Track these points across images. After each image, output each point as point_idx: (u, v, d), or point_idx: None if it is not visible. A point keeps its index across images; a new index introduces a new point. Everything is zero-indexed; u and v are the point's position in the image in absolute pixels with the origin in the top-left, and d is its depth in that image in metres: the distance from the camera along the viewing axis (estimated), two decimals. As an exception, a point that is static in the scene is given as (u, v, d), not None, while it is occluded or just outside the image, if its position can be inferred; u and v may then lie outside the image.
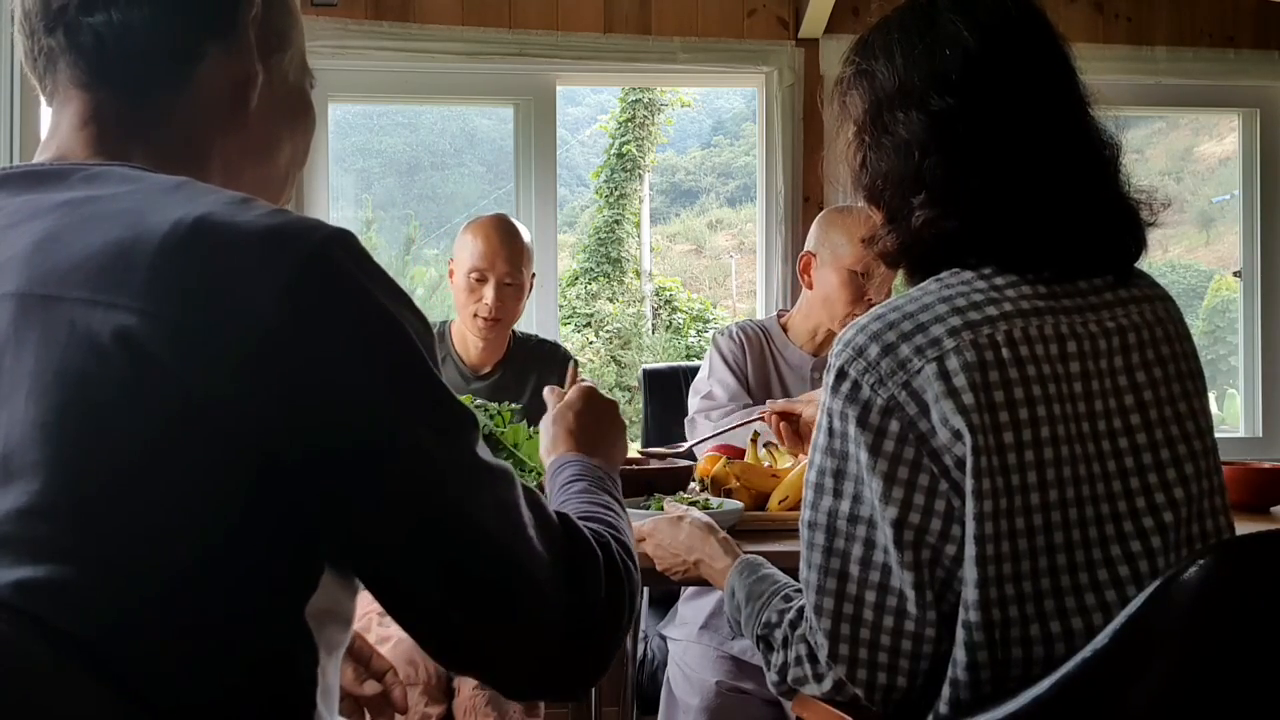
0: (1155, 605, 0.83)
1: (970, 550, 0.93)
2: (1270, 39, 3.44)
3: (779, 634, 1.09)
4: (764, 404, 2.26)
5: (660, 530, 1.41)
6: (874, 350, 0.97)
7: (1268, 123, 3.56)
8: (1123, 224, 1.04)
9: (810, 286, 2.35)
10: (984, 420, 0.92)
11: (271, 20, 0.88)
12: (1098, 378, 0.97)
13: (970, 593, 0.93)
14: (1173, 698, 0.84)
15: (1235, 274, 3.65)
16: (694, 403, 2.33)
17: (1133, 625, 0.83)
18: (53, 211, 0.73)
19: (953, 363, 0.94)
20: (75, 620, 0.65)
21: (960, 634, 0.94)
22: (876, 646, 0.98)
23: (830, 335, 2.35)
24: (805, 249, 2.38)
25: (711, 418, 2.24)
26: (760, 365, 2.37)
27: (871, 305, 2.24)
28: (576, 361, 2.04)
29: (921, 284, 1.03)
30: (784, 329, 2.42)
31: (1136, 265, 1.07)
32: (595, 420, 1.18)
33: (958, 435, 0.93)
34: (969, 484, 0.92)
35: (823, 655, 1.01)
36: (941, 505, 0.94)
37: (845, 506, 0.99)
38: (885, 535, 0.96)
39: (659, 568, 1.42)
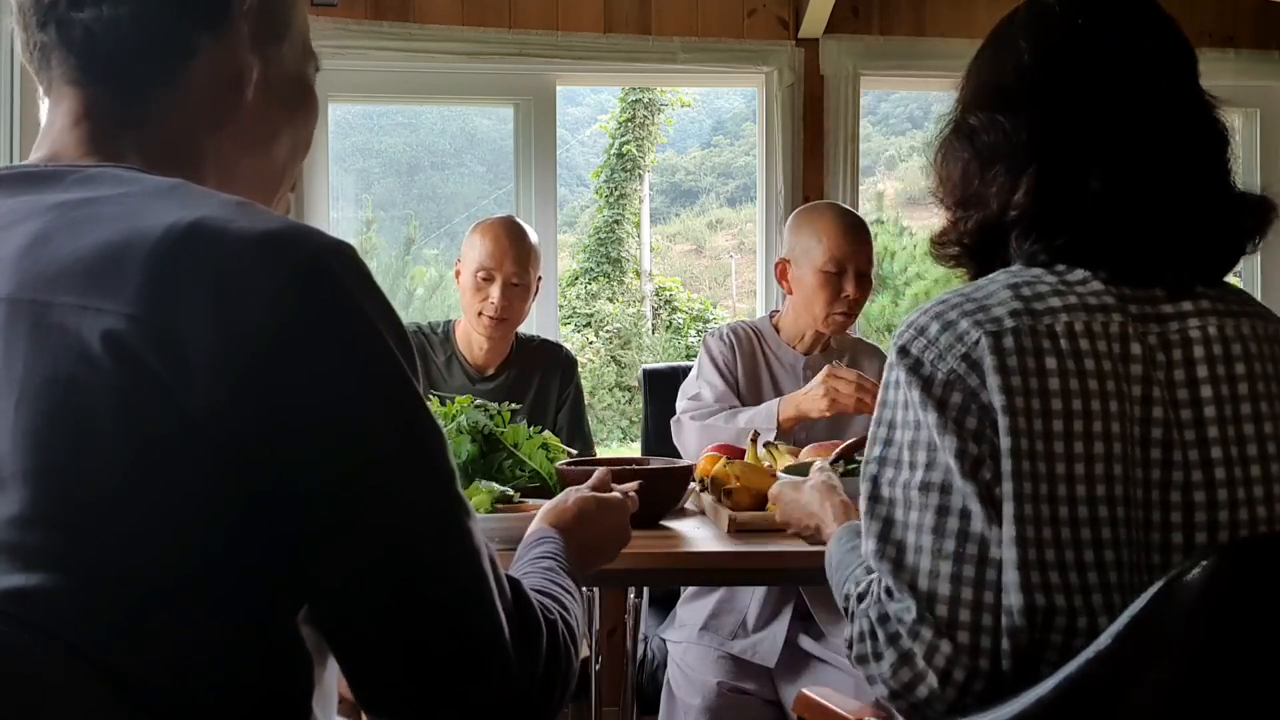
0: (1158, 606, 0.83)
1: (1009, 531, 0.91)
2: (1270, 39, 3.44)
3: (851, 605, 1.06)
4: (767, 403, 2.27)
5: (785, 494, 1.50)
6: (934, 328, 0.98)
7: (1268, 123, 3.56)
8: (1219, 233, 1.02)
9: (790, 292, 2.35)
10: (1029, 404, 0.92)
11: (268, 8, 0.86)
12: (1158, 385, 0.95)
13: (1009, 574, 0.91)
14: (1175, 698, 0.84)
15: (1235, 273, 3.65)
16: (681, 404, 2.35)
17: (1135, 626, 0.83)
18: (45, 214, 0.72)
19: (1009, 341, 0.94)
20: (70, 627, 0.65)
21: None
22: (963, 604, 0.94)
23: (818, 336, 2.36)
24: (780, 255, 2.38)
25: (696, 418, 2.25)
26: (751, 366, 2.37)
27: (852, 302, 2.27)
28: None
29: (991, 274, 1.03)
30: (776, 329, 2.42)
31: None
32: (605, 526, 1.18)
33: (1002, 409, 0.93)
34: (1007, 464, 0.92)
35: (909, 618, 0.96)
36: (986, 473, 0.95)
37: (919, 476, 0.97)
38: (968, 494, 0.93)
39: (790, 532, 1.51)
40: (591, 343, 13.70)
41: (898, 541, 0.97)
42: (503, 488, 1.65)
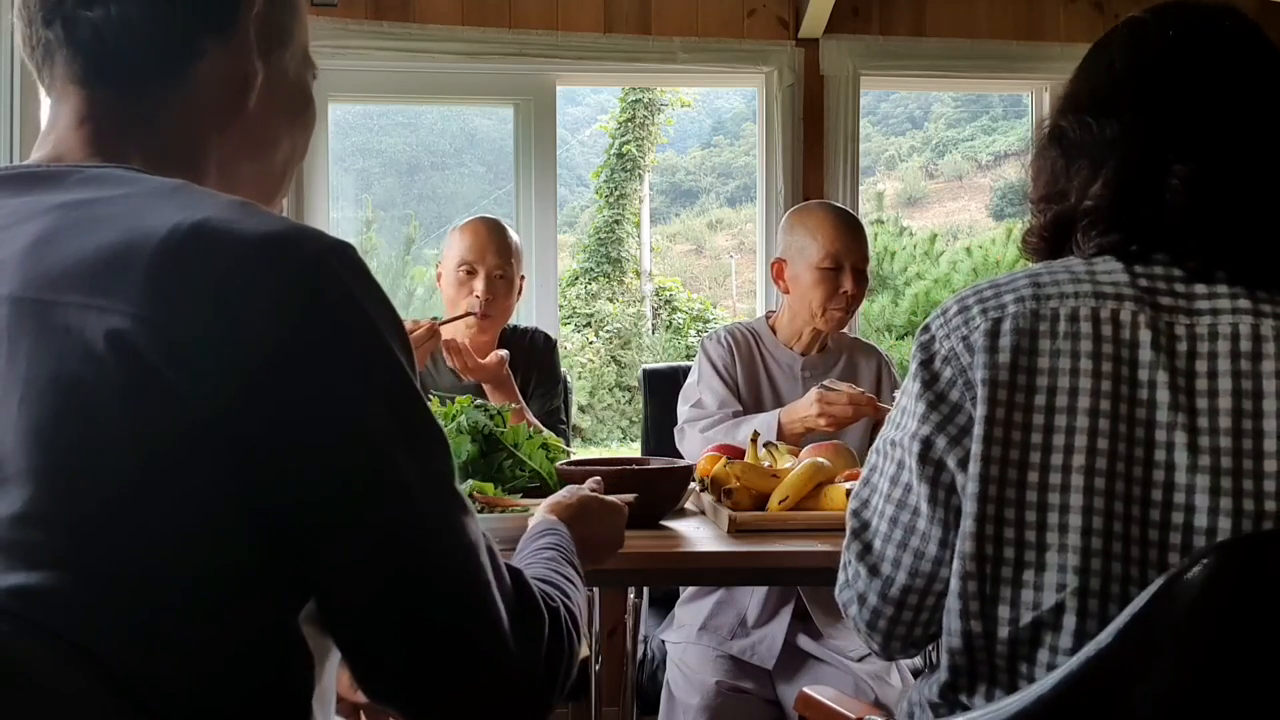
0: (1159, 604, 0.83)
1: (972, 487, 0.97)
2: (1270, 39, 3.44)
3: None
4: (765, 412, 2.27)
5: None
6: (954, 309, 1.05)
7: (1268, 123, 3.55)
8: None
9: (786, 291, 2.35)
10: (1014, 378, 0.97)
11: (273, 16, 0.87)
12: (1170, 372, 0.96)
13: (967, 524, 0.97)
14: (1176, 697, 0.84)
15: None
16: (683, 411, 2.33)
17: (1136, 624, 0.83)
18: (49, 214, 0.72)
19: (1007, 324, 0.99)
20: (71, 626, 0.65)
21: (956, 564, 0.99)
22: (889, 541, 1.07)
23: (815, 335, 2.35)
24: (775, 255, 2.38)
25: (700, 427, 2.24)
26: (750, 368, 2.36)
27: (850, 298, 2.27)
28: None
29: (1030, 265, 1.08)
30: (773, 330, 2.41)
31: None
32: (605, 525, 1.23)
33: (983, 382, 0.98)
34: (979, 429, 0.97)
35: (852, 556, 1.11)
36: (969, 443, 1.00)
37: (892, 433, 1.08)
38: (911, 452, 1.03)
39: None
40: (591, 343, 13.70)
41: (870, 485, 1.10)
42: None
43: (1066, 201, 1.06)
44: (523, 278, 2.56)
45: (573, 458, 1.91)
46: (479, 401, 1.88)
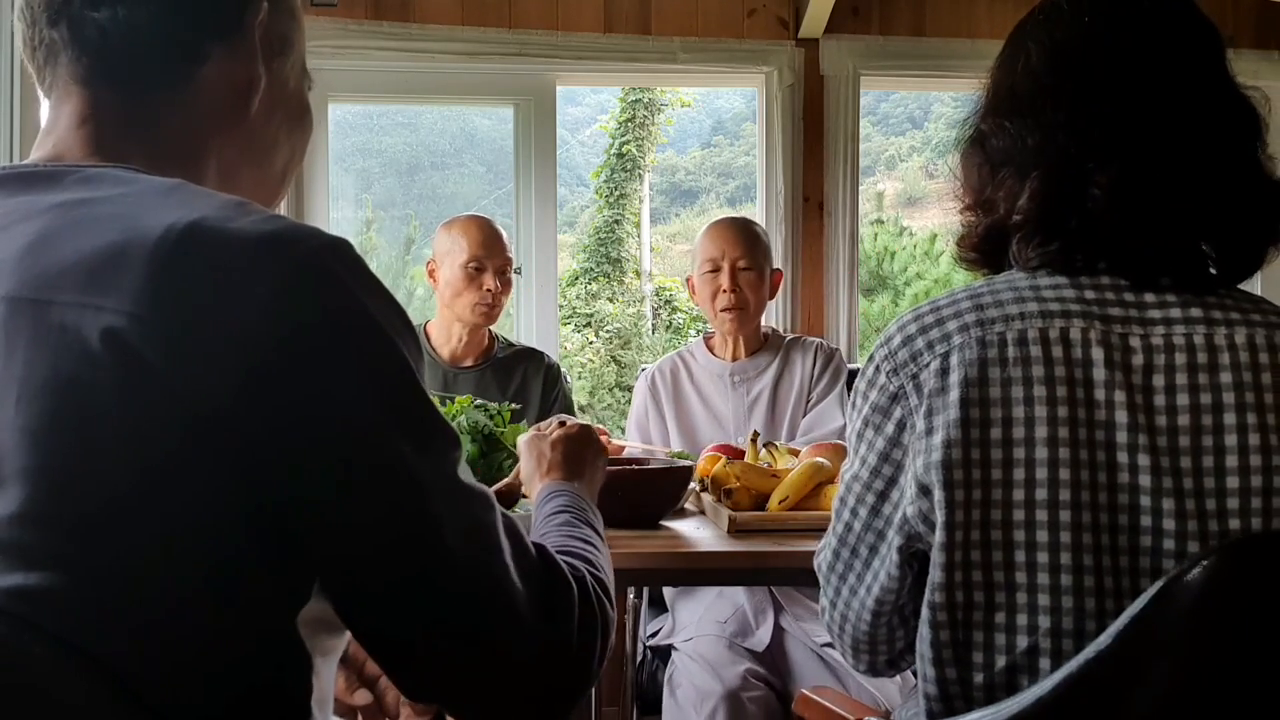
0: (1158, 606, 0.82)
1: (939, 537, 0.95)
2: (1270, 39, 3.44)
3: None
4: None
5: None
6: (897, 341, 1.01)
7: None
8: (1238, 232, 0.99)
9: (698, 302, 2.53)
10: (967, 414, 0.94)
11: (276, 24, 0.87)
12: (1123, 389, 0.93)
13: (936, 574, 0.95)
14: (1175, 698, 0.84)
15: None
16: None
17: (1135, 626, 0.83)
18: (46, 214, 0.72)
19: (954, 359, 0.95)
20: (69, 627, 0.65)
21: (925, 613, 0.97)
22: (838, 560, 1.09)
23: (736, 341, 2.51)
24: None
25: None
26: (676, 394, 2.53)
27: (732, 297, 2.42)
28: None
29: (971, 283, 1.05)
30: (710, 347, 2.57)
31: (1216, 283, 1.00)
32: (579, 447, 1.24)
33: (945, 426, 0.94)
34: (938, 475, 0.94)
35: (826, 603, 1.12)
36: (906, 489, 0.99)
37: (852, 468, 1.07)
38: (871, 490, 1.03)
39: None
40: (591, 343, 13.68)
41: (840, 518, 1.09)
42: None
43: (996, 213, 1.03)
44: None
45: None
46: (479, 401, 1.88)
